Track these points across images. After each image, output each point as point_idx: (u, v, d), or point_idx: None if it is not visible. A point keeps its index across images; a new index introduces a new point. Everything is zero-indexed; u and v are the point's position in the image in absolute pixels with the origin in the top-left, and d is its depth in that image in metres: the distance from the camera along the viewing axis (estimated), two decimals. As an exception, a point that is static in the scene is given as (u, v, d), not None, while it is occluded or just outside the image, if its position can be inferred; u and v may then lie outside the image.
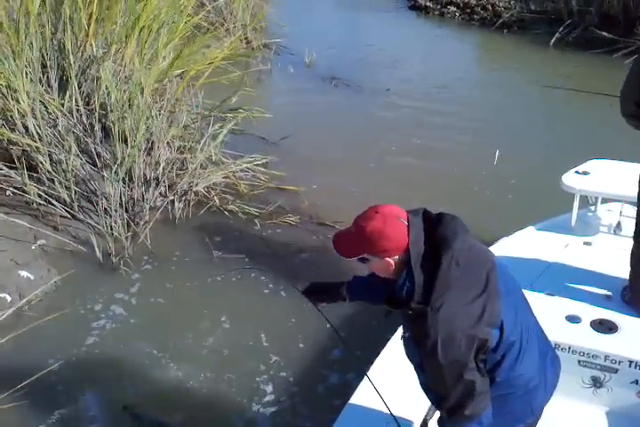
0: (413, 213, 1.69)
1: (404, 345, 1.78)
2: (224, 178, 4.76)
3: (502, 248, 3.30)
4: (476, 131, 6.14)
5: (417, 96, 7.10)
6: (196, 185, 4.60)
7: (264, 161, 5.02)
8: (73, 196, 4.23)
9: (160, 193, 4.57)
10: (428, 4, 11.51)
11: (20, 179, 4.16)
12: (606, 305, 2.79)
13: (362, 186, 4.93)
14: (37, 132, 4.28)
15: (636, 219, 2.73)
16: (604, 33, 8.73)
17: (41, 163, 4.25)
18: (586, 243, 3.35)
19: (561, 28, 9.22)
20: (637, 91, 2.46)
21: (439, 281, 1.60)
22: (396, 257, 1.65)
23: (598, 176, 3.47)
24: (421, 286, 1.61)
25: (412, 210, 1.71)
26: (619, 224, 3.43)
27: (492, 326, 1.64)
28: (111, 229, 4.10)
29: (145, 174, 4.55)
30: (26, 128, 4.33)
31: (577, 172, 3.52)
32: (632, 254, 2.79)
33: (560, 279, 2.99)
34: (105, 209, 4.21)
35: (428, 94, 7.20)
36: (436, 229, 1.67)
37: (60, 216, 4.19)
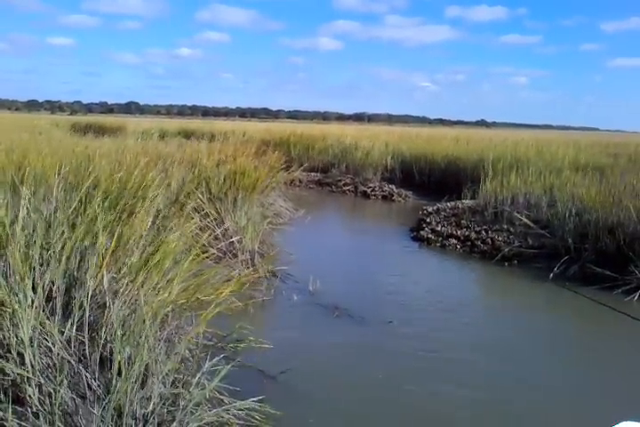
0: None
1: None
2: (218, 417, 4.54)
3: None
4: (487, 375, 5.98)
5: (419, 327, 7.07)
6: (187, 424, 4.37)
7: (261, 397, 4.81)
8: (55, 433, 4.00)
9: (148, 432, 4.32)
10: (430, 235, 12.11)
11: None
12: None
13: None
14: (31, 363, 4.19)
15: None
16: (601, 269, 9.00)
17: (29, 396, 4.10)
18: None
19: (558, 264, 9.56)
20: None
21: None
22: None
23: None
24: None
25: None
26: None
27: None
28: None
29: (135, 411, 4.35)
30: (21, 357, 4.25)
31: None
32: None
33: None
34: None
35: (431, 324, 7.19)
36: None
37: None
